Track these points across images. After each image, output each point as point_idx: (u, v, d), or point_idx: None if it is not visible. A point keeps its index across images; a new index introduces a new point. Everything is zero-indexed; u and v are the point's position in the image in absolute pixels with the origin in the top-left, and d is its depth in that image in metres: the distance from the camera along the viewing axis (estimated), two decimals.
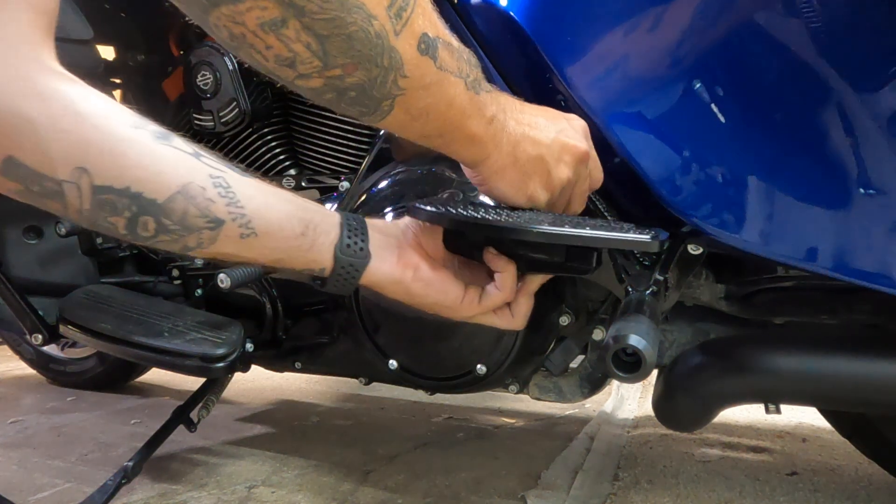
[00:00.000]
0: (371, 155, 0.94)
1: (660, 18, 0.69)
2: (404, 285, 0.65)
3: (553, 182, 0.67)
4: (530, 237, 0.62)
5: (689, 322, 0.90)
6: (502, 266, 0.67)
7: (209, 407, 1.08)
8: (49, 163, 0.48)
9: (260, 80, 0.97)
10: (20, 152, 0.47)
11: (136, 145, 0.51)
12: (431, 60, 0.56)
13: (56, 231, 1.01)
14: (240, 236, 0.56)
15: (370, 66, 0.53)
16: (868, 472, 1.12)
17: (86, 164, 0.49)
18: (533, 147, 0.65)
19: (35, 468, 1.22)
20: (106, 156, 0.49)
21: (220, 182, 0.54)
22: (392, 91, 0.56)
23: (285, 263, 0.60)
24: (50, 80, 0.47)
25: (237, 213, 0.55)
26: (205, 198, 0.53)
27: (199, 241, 0.55)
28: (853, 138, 0.70)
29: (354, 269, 0.62)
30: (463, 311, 0.68)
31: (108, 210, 0.51)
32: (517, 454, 1.25)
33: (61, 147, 0.47)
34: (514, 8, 0.70)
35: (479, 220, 0.63)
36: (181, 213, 0.53)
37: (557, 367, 0.93)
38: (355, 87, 0.55)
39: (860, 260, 0.71)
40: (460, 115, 0.60)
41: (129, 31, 1.10)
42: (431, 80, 0.57)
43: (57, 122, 0.47)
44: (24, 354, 1.75)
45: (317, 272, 0.62)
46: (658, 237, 0.62)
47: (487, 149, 0.64)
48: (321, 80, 0.54)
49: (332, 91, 0.55)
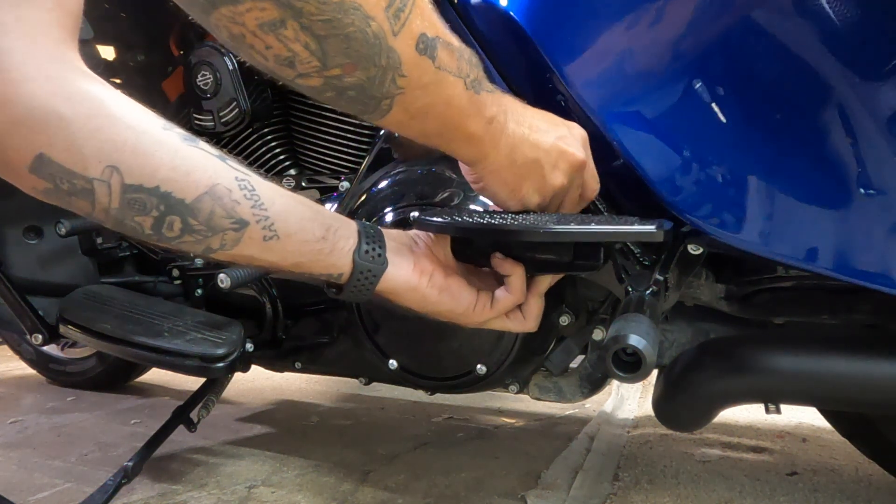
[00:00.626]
0: (371, 155, 0.94)
1: (659, 18, 0.69)
2: (420, 292, 0.65)
3: (546, 187, 0.67)
4: (538, 237, 0.62)
5: (689, 322, 0.90)
6: (510, 269, 0.67)
7: (209, 407, 1.08)
8: (81, 161, 0.48)
9: (260, 80, 0.97)
10: (52, 150, 0.47)
11: (166, 146, 0.52)
12: (430, 60, 0.56)
13: (56, 231, 1.01)
14: (263, 238, 0.57)
15: (368, 65, 0.53)
16: (868, 472, 1.12)
17: (117, 163, 0.49)
18: (531, 150, 0.65)
19: (35, 468, 1.22)
20: (138, 156, 0.50)
21: (245, 185, 0.55)
22: (391, 90, 0.56)
23: (304, 268, 0.61)
24: (81, 81, 0.48)
25: (261, 215, 0.56)
26: (231, 199, 0.54)
27: (222, 242, 0.55)
28: (853, 138, 0.70)
29: (372, 275, 0.63)
30: (476, 316, 0.68)
31: (137, 209, 0.51)
32: (517, 454, 1.25)
33: (94, 145, 0.48)
34: (514, 8, 0.70)
35: (486, 225, 0.64)
36: (207, 214, 0.53)
37: (557, 367, 0.93)
38: (354, 86, 0.55)
39: (860, 260, 0.71)
40: (459, 114, 0.60)
41: (129, 31, 1.10)
42: (430, 79, 0.57)
43: (90, 122, 0.48)
44: (24, 354, 1.75)
45: (334, 277, 0.63)
46: (662, 227, 0.62)
47: (485, 148, 0.64)
48: (321, 79, 0.54)
49: (331, 90, 0.56)
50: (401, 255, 0.66)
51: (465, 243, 0.69)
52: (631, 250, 0.77)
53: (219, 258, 0.58)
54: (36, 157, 0.47)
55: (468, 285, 0.68)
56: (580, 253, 0.69)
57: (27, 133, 0.46)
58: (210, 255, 0.57)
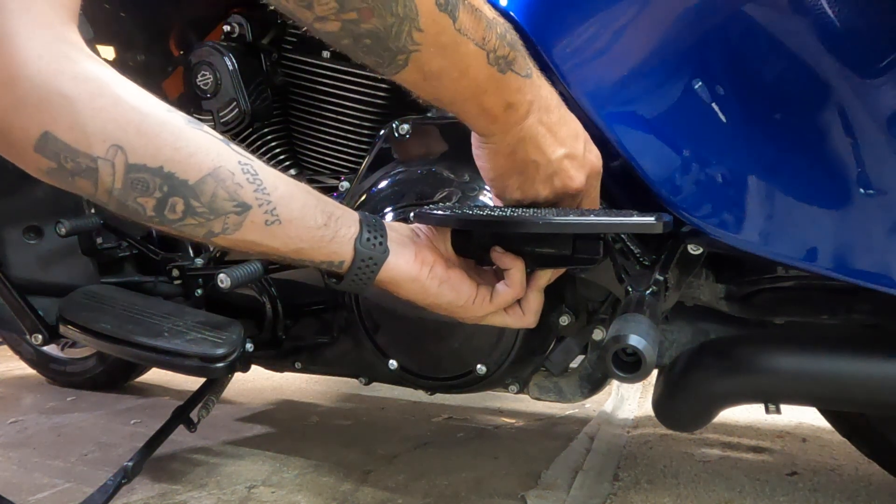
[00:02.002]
0: (371, 155, 0.94)
1: (659, 18, 0.69)
2: (421, 282, 0.65)
3: (530, 191, 0.67)
4: (538, 229, 0.62)
5: (689, 322, 0.90)
6: (510, 263, 0.67)
7: (209, 407, 1.08)
8: (85, 139, 0.49)
9: (260, 80, 0.97)
10: (56, 128, 0.48)
11: (170, 127, 0.52)
12: (450, 19, 0.55)
13: (56, 231, 1.01)
14: (265, 223, 0.57)
15: (385, 12, 0.53)
16: (868, 472, 1.12)
17: (121, 143, 0.50)
18: (534, 151, 0.65)
19: (35, 468, 1.22)
20: (142, 135, 0.50)
21: (248, 169, 0.56)
22: (407, 45, 0.55)
23: (305, 254, 0.61)
24: (85, 62, 0.49)
25: (264, 199, 0.56)
26: (234, 182, 0.54)
27: (224, 225, 0.56)
28: (853, 138, 0.70)
29: (374, 263, 0.63)
30: (475, 310, 0.68)
31: (140, 190, 0.52)
32: (517, 454, 1.25)
33: (98, 124, 0.49)
34: (514, 8, 0.70)
35: (486, 217, 0.64)
36: (210, 196, 0.54)
37: (557, 367, 0.93)
38: (371, 34, 0.54)
39: (860, 260, 0.71)
40: (475, 88, 0.59)
41: (129, 31, 1.10)
42: (448, 40, 0.56)
43: (94, 101, 0.49)
44: (24, 354, 1.75)
45: (335, 265, 0.63)
46: (662, 219, 0.62)
47: (494, 129, 0.64)
48: (338, 22, 0.54)
49: (348, 36, 0.55)
50: (402, 245, 0.66)
51: (465, 238, 0.69)
52: (631, 250, 0.77)
53: (221, 243, 0.58)
54: (41, 136, 0.48)
55: (468, 278, 0.68)
56: (579, 247, 0.69)
57: (33, 112, 0.47)
58: (212, 240, 0.57)
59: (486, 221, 0.64)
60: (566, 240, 0.68)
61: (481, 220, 0.64)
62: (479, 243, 0.69)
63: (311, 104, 0.99)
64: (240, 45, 0.97)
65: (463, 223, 0.66)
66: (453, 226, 0.67)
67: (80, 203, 1.07)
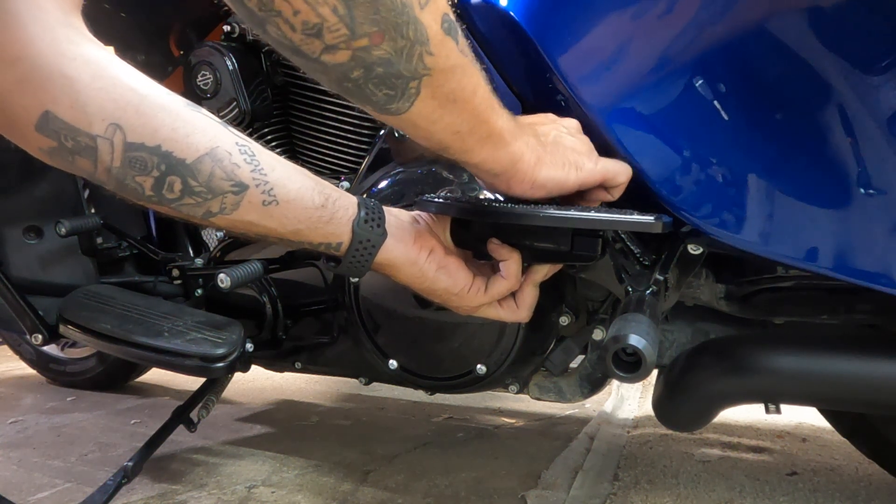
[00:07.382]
0: (371, 155, 0.94)
1: (660, 18, 0.69)
2: (418, 266, 0.65)
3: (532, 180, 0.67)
4: (537, 221, 0.63)
5: (689, 322, 0.90)
6: (507, 254, 0.68)
7: (209, 407, 1.08)
8: (85, 118, 0.50)
9: (260, 80, 0.97)
10: (57, 107, 0.49)
11: (168, 108, 0.53)
12: (454, 42, 0.55)
13: (56, 231, 1.01)
14: (262, 203, 0.57)
15: (396, 35, 0.52)
16: (868, 472, 1.12)
17: (120, 122, 0.51)
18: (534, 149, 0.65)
19: (35, 468, 1.22)
20: (141, 115, 0.52)
21: (245, 150, 0.56)
22: (419, 70, 0.54)
23: (303, 236, 0.61)
24: (86, 44, 0.50)
25: (261, 179, 0.57)
26: (231, 162, 0.55)
27: (222, 205, 0.56)
28: (853, 138, 0.70)
29: (371, 245, 0.63)
30: (469, 299, 0.68)
31: (138, 169, 0.53)
32: (517, 454, 1.25)
33: (98, 104, 0.50)
34: (514, 8, 0.70)
35: (486, 207, 0.65)
36: (207, 175, 0.54)
37: (557, 367, 0.93)
38: (382, 61, 0.52)
39: (860, 260, 0.71)
40: (487, 104, 0.59)
41: (129, 31, 1.10)
42: (455, 62, 0.56)
43: (94, 81, 0.50)
44: (24, 354, 1.75)
45: (333, 247, 0.63)
46: (661, 219, 0.62)
47: (506, 140, 0.62)
48: (348, 52, 0.52)
49: (359, 66, 0.53)
50: (402, 229, 0.66)
51: (463, 229, 0.69)
52: (631, 249, 0.77)
53: (219, 223, 0.58)
54: (42, 115, 0.49)
55: (465, 267, 0.68)
56: (578, 243, 0.69)
57: (34, 91, 0.48)
58: (211, 220, 0.57)
59: (486, 212, 0.64)
60: (565, 235, 0.69)
61: (482, 209, 0.65)
62: (477, 235, 0.69)
63: (311, 104, 0.99)
64: (240, 45, 0.97)
65: (463, 212, 0.66)
66: (453, 214, 0.67)
67: (80, 203, 1.07)
